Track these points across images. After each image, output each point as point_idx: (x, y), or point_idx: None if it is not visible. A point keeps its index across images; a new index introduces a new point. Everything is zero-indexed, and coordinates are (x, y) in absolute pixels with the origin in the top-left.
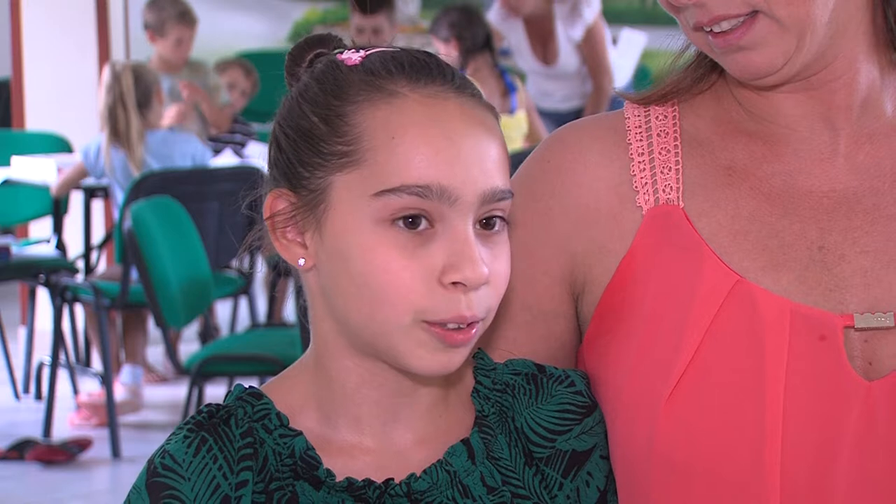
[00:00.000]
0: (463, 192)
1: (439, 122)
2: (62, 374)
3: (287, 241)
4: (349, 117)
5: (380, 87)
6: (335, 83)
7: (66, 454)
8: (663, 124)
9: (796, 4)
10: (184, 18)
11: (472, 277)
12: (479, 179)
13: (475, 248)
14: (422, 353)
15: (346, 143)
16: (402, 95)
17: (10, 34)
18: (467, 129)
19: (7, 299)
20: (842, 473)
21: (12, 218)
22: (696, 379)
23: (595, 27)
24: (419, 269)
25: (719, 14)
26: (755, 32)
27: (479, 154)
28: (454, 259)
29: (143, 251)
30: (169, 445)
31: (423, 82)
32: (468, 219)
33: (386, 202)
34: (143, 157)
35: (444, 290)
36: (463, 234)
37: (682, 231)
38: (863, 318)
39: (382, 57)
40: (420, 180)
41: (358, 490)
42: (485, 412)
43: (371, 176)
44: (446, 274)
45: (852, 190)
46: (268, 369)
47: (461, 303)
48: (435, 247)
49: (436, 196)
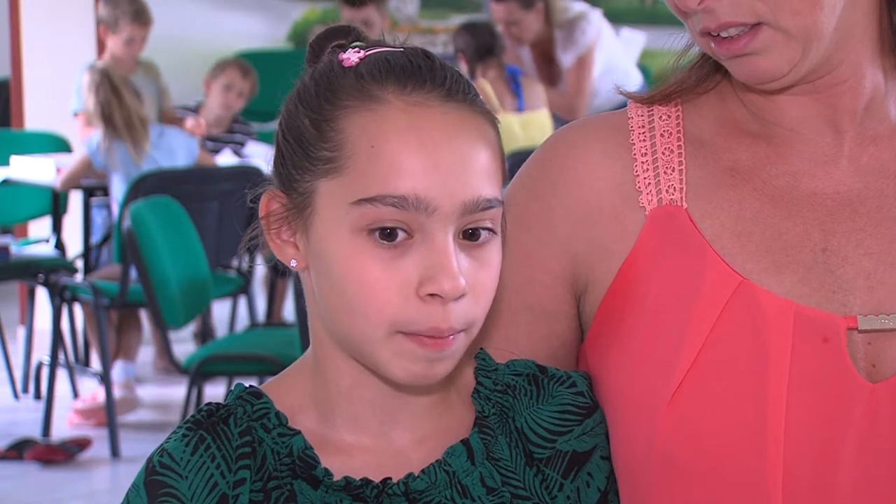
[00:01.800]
0: (441, 202)
1: (420, 130)
2: (61, 374)
3: (281, 241)
4: (336, 122)
5: (367, 92)
6: (328, 86)
7: (66, 454)
8: (666, 124)
9: (803, 14)
10: (138, 17)
11: (448, 290)
12: (458, 189)
13: (453, 259)
14: (400, 363)
15: (331, 148)
16: (386, 102)
17: (9, 34)
18: (449, 138)
19: (6, 299)
20: (845, 475)
21: (11, 217)
22: (699, 380)
23: (586, 55)
24: (395, 281)
25: (727, 21)
26: (759, 41)
27: (459, 163)
28: (431, 271)
29: (143, 251)
30: (167, 444)
31: (410, 88)
32: (448, 229)
33: (364, 212)
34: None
35: (422, 302)
36: (441, 244)
37: (685, 232)
38: (866, 320)
39: (377, 59)
40: (396, 190)
41: (355, 489)
42: (485, 413)
43: (351, 184)
44: (423, 286)
45: (856, 192)
46: (267, 369)
47: (437, 314)
48: (412, 258)
49: (412, 207)
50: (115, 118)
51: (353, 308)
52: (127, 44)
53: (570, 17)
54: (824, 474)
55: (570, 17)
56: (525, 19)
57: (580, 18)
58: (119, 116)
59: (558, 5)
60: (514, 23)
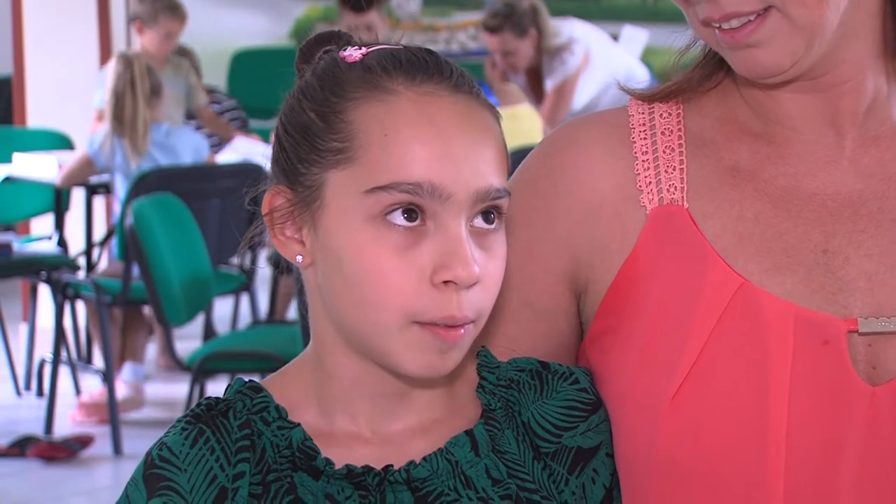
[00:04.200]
0: (455, 189)
1: (432, 120)
2: (63, 371)
3: (285, 237)
4: (345, 114)
5: (376, 84)
6: (334, 80)
7: (68, 451)
8: (667, 122)
9: (810, 7)
10: (175, 12)
11: (463, 276)
12: (471, 178)
13: (467, 246)
14: (413, 355)
15: (341, 139)
16: (397, 93)
17: (11, 31)
18: (461, 128)
19: (8, 296)
20: (846, 477)
21: (14, 215)
22: (700, 381)
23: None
24: (410, 269)
25: (731, 11)
26: (765, 29)
27: (472, 152)
28: (445, 258)
29: (145, 248)
30: (167, 438)
31: (419, 80)
32: (460, 217)
33: (377, 199)
34: (148, 149)
35: (435, 289)
36: (455, 232)
37: (686, 232)
38: (867, 322)
39: (381, 54)
40: (411, 177)
41: (357, 477)
42: (492, 406)
43: (364, 173)
44: (437, 273)
45: (857, 193)
46: (269, 366)
47: (452, 302)
48: (426, 246)
49: (427, 194)
50: (125, 113)
51: (367, 299)
52: (164, 39)
53: (557, 44)
54: (825, 476)
55: (556, 45)
56: (520, 48)
57: (563, 49)
58: (128, 112)
59: (549, 30)
60: (510, 53)
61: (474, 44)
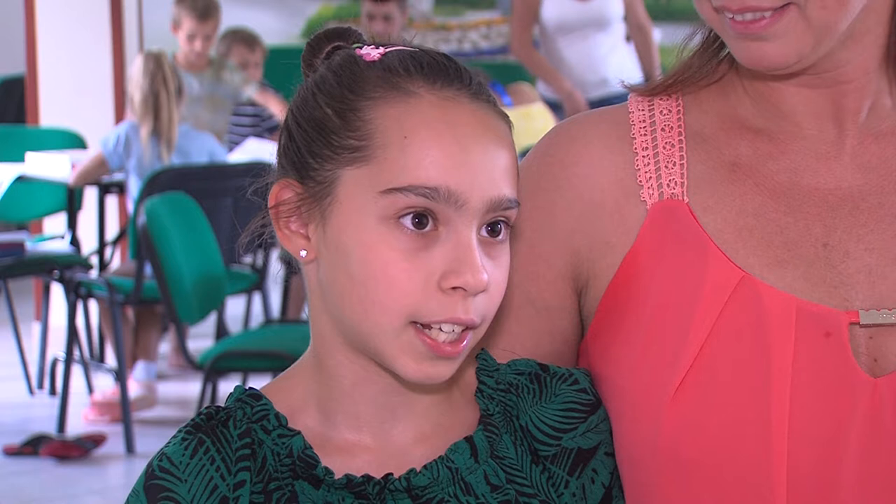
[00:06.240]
0: (470, 196)
1: (452, 125)
2: (76, 370)
3: (290, 231)
4: (363, 112)
5: (396, 85)
6: (352, 77)
7: (81, 450)
8: (667, 118)
9: (829, 10)
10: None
11: (472, 283)
12: (486, 186)
13: (477, 254)
14: (407, 361)
15: (359, 137)
16: (417, 95)
17: (24, 30)
18: (479, 135)
19: (21, 295)
20: (848, 470)
21: (27, 214)
22: (702, 375)
23: None
24: (418, 272)
25: (752, 4)
26: (781, 25)
27: (488, 161)
28: (455, 265)
29: (157, 247)
30: (167, 448)
31: (440, 84)
32: (472, 224)
33: (393, 200)
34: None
35: (442, 294)
36: (466, 239)
37: (687, 227)
38: (868, 314)
39: (401, 55)
40: (429, 181)
41: (357, 486)
42: (490, 411)
43: (380, 173)
44: (446, 279)
45: (857, 187)
46: (281, 365)
47: (458, 306)
48: (436, 251)
49: (443, 199)
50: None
51: (370, 298)
52: (188, 40)
53: None
54: (828, 468)
55: None
56: None
57: None
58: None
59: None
60: None
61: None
